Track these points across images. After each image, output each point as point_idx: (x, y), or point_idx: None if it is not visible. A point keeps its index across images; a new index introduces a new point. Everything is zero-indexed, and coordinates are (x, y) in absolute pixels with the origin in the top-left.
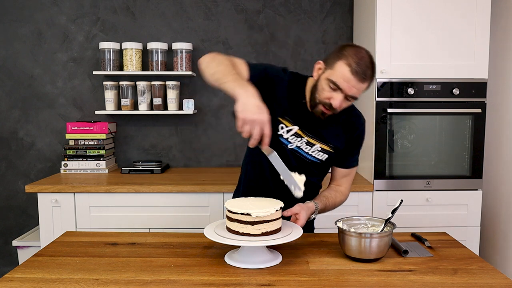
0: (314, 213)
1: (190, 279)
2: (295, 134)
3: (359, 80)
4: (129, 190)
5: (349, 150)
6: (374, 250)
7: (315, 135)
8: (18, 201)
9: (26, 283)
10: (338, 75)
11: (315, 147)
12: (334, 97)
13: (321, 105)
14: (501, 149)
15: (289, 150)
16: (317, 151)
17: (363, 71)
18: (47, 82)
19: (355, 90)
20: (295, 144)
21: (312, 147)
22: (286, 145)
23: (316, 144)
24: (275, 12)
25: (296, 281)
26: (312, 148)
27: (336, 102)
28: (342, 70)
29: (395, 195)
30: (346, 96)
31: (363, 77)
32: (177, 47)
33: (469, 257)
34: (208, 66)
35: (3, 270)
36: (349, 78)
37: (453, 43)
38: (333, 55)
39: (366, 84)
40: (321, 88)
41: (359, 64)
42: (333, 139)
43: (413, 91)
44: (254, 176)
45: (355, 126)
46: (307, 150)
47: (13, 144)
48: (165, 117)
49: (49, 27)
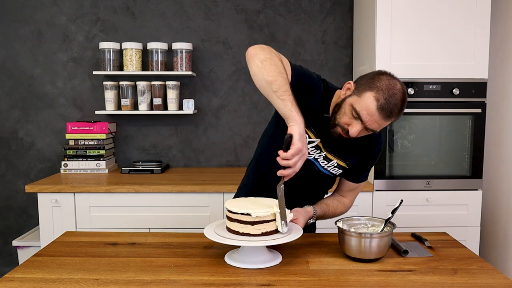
0: (312, 218)
1: (190, 279)
2: (315, 146)
3: (383, 117)
4: (129, 190)
5: (362, 167)
6: (374, 250)
7: (335, 151)
8: (18, 201)
9: (26, 283)
10: (363, 105)
11: (332, 162)
12: (353, 125)
13: (339, 128)
14: (501, 149)
15: (306, 160)
16: (333, 166)
17: (390, 109)
18: (47, 82)
19: (376, 125)
20: (313, 156)
21: (329, 162)
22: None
23: (334, 160)
24: (275, 12)
25: (296, 281)
26: (329, 164)
27: (353, 130)
28: (368, 103)
29: (395, 195)
30: (365, 128)
31: (388, 115)
32: (177, 47)
33: (469, 257)
34: (264, 67)
35: (3, 270)
36: (373, 113)
37: (453, 43)
38: (365, 81)
39: (390, 121)
40: (343, 112)
41: (388, 101)
42: (351, 157)
43: (413, 91)
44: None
45: (374, 144)
46: (323, 164)
47: (13, 144)
48: (165, 117)
49: (49, 27)
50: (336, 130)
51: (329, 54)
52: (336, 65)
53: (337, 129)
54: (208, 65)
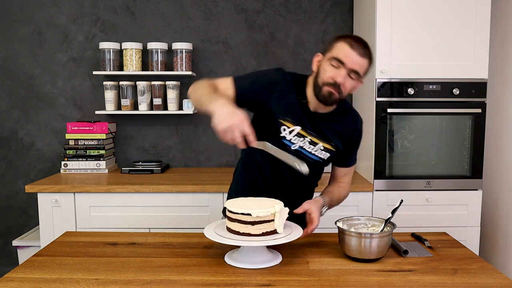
0: (324, 207)
1: (190, 279)
2: (297, 134)
3: (360, 55)
4: (129, 190)
5: (349, 150)
6: (374, 250)
7: (318, 134)
8: (18, 201)
9: (26, 283)
10: (338, 51)
11: (318, 146)
12: (338, 73)
13: (326, 86)
14: (501, 149)
15: (293, 152)
16: (320, 150)
17: (362, 48)
18: (47, 82)
19: (357, 65)
20: (298, 145)
21: (315, 146)
22: (289, 146)
23: (319, 143)
24: (275, 12)
25: (296, 281)
26: (315, 147)
27: (340, 78)
28: (342, 47)
29: (395, 195)
30: (349, 74)
31: (363, 52)
32: (177, 47)
33: (469, 257)
34: (191, 96)
35: (3, 270)
36: (350, 53)
37: (453, 43)
38: (329, 43)
39: (366, 60)
40: (323, 71)
41: (357, 41)
42: (335, 139)
43: (413, 91)
44: (249, 177)
45: (354, 126)
46: (310, 150)
47: (13, 144)
48: (165, 117)
49: (49, 27)
50: (324, 91)
51: None
52: None
53: (324, 89)
54: (208, 65)
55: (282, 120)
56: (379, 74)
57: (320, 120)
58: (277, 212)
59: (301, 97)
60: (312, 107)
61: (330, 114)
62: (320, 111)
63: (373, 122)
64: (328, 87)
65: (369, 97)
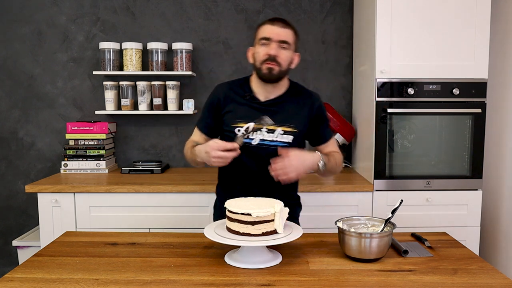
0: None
1: (190, 279)
2: (253, 130)
3: (282, 27)
4: (129, 190)
5: (318, 126)
6: (374, 250)
7: (275, 121)
8: (18, 201)
9: (26, 283)
10: (262, 32)
11: (277, 131)
12: (268, 48)
13: (264, 64)
14: (501, 149)
15: (255, 147)
16: (280, 134)
17: (282, 21)
18: (47, 82)
19: (282, 35)
20: (258, 138)
21: (274, 132)
22: (250, 143)
23: (277, 128)
24: (275, 12)
25: (296, 281)
26: (275, 133)
27: (272, 51)
28: (264, 28)
29: (395, 195)
30: (279, 46)
31: (284, 24)
32: (177, 47)
33: (469, 257)
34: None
35: (3, 270)
36: (272, 28)
37: (453, 43)
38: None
39: (289, 30)
40: (257, 54)
41: (276, 19)
42: (292, 120)
43: (413, 91)
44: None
45: (312, 102)
46: (271, 138)
47: (13, 144)
48: (165, 117)
49: (49, 27)
50: (264, 69)
51: (329, 54)
52: (336, 65)
53: (263, 68)
54: (208, 65)
55: (235, 124)
56: (379, 74)
57: (273, 106)
58: (277, 212)
59: (247, 93)
60: (262, 97)
61: (283, 97)
62: (272, 96)
63: (373, 122)
64: (266, 64)
65: (369, 97)
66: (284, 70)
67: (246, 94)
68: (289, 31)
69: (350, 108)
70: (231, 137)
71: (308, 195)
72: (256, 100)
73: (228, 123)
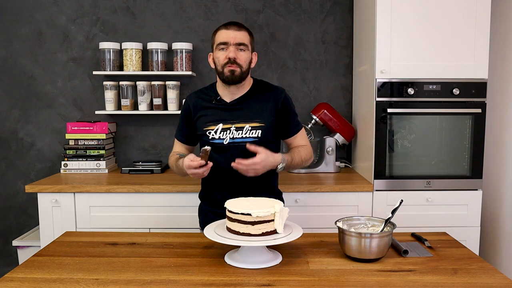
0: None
1: (190, 279)
2: (222, 130)
3: (236, 30)
4: (129, 190)
5: (284, 119)
6: (374, 250)
7: (240, 118)
8: (18, 201)
9: (26, 283)
10: (218, 37)
11: (245, 128)
12: (227, 52)
13: (225, 67)
14: (501, 149)
15: (227, 146)
16: (248, 130)
17: (235, 25)
18: (47, 82)
19: (238, 38)
20: (227, 137)
21: (242, 130)
22: (221, 143)
23: (245, 125)
24: (275, 12)
25: (296, 281)
26: (243, 130)
27: (231, 53)
28: (220, 33)
29: (395, 195)
30: (237, 48)
31: (238, 27)
32: (177, 47)
33: (469, 257)
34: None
35: (3, 270)
36: (227, 33)
37: (453, 43)
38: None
39: (244, 32)
40: (217, 59)
41: (227, 23)
42: (259, 115)
43: (413, 91)
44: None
45: (276, 96)
46: (240, 135)
47: (13, 144)
48: (165, 117)
49: (49, 27)
50: (226, 72)
51: (329, 54)
52: (336, 65)
53: (225, 70)
54: (208, 65)
55: (205, 128)
56: (379, 74)
57: (240, 104)
58: (277, 212)
59: (214, 97)
60: (228, 98)
61: (247, 95)
62: (237, 96)
63: (373, 122)
64: (227, 67)
65: (369, 97)
66: (245, 70)
67: (213, 98)
68: (244, 33)
69: (350, 108)
70: (204, 141)
71: (308, 195)
72: (223, 102)
73: (200, 128)
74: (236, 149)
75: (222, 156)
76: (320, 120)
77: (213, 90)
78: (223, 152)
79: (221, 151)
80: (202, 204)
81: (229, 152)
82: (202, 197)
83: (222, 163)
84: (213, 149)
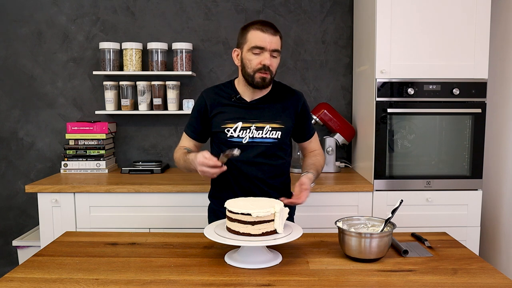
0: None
1: (190, 279)
2: (242, 128)
3: (272, 35)
4: (129, 190)
5: (302, 123)
6: (374, 250)
7: (260, 118)
8: (18, 201)
9: (26, 283)
10: (253, 40)
11: (266, 128)
12: (262, 58)
13: (258, 73)
14: (501, 149)
15: (245, 145)
16: (268, 131)
17: (270, 27)
18: (47, 82)
19: (274, 44)
20: (247, 136)
21: (262, 130)
22: (240, 142)
23: (265, 125)
24: (275, 12)
25: (296, 281)
26: (264, 131)
27: (267, 61)
28: (255, 35)
29: (395, 195)
30: (271, 54)
31: (273, 31)
32: (177, 47)
33: (469, 257)
34: (178, 166)
35: (3, 270)
36: (264, 37)
37: (453, 43)
38: (240, 35)
39: (278, 36)
40: (248, 62)
41: (263, 24)
42: (280, 117)
43: (413, 91)
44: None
45: (297, 100)
46: (260, 135)
47: (13, 144)
48: (165, 117)
49: (49, 27)
50: (257, 78)
51: (329, 54)
52: (336, 65)
53: (256, 77)
54: (208, 65)
55: (224, 126)
56: (379, 74)
57: (260, 104)
58: (277, 212)
59: (234, 95)
60: (248, 98)
61: (268, 96)
62: (257, 97)
63: (373, 122)
64: (259, 73)
65: (369, 97)
66: (274, 76)
67: (232, 96)
68: (279, 38)
69: (350, 108)
70: (221, 138)
71: None
72: (243, 100)
73: (217, 125)
74: (254, 149)
75: (240, 155)
76: (320, 120)
77: (231, 88)
78: (240, 151)
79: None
80: (212, 205)
81: (246, 151)
82: (213, 196)
83: (239, 162)
84: (230, 148)
